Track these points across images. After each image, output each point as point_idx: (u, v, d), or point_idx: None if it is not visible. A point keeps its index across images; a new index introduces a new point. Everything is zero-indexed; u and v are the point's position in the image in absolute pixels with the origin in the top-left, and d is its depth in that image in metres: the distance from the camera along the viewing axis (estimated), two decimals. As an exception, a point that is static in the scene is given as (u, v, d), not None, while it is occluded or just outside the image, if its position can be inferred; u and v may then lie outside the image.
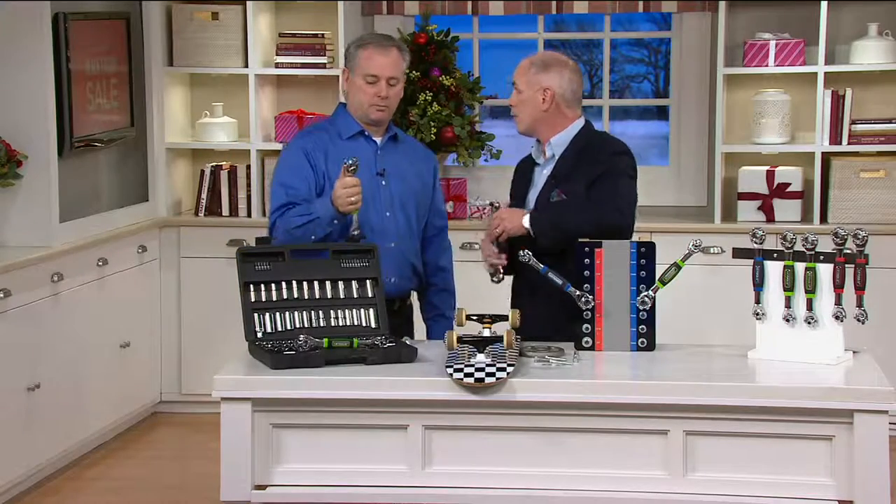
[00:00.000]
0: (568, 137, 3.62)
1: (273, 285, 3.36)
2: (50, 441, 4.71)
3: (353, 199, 3.50)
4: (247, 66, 5.62)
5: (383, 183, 3.68)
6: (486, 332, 3.30)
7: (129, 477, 4.86)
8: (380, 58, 3.63)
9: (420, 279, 3.80)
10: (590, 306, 3.33)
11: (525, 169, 3.75)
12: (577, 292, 3.33)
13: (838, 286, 3.15)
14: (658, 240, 3.51)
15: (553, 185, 3.59)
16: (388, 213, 3.67)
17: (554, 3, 5.70)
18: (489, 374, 3.04)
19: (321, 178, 3.64)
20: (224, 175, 5.66)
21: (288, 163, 3.69)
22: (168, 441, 5.34)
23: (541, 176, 3.66)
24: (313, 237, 3.54)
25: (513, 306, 3.54)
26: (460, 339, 3.25)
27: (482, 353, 3.16)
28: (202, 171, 5.70)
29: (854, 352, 3.26)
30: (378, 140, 3.72)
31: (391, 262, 3.61)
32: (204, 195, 5.67)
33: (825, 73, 5.29)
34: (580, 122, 3.66)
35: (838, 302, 3.15)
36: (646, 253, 3.33)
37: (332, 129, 3.72)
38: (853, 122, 5.33)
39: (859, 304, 3.14)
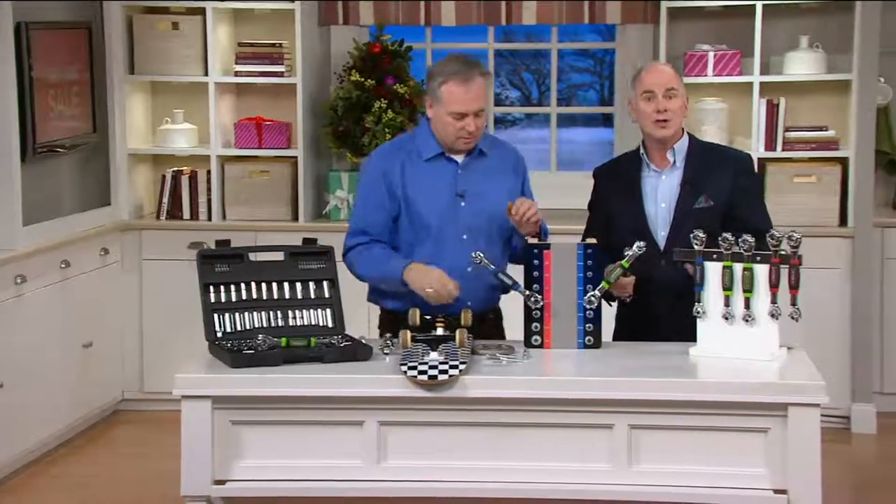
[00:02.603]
0: (685, 143, 3.60)
1: (232, 286, 3.41)
2: (12, 439, 4.76)
3: (437, 298, 3.40)
4: (206, 74, 5.70)
5: (462, 205, 3.53)
6: (440, 331, 3.38)
7: (92, 474, 4.90)
8: (463, 94, 3.43)
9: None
10: (538, 306, 3.42)
11: (622, 182, 3.61)
12: (527, 292, 3.44)
13: (774, 286, 3.23)
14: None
15: (691, 192, 3.53)
16: (465, 237, 3.52)
17: (503, 14, 5.80)
18: (442, 372, 3.11)
19: (398, 202, 3.53)
20: (185, 180, 5.73)
21: (367, 188, 3.56)
22: (130, 438, 5.38)
23: (663, 184, 3.58)
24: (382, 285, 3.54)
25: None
26: (414, 338, 3.32)
27: (435, 351, 3.23)
28: (163, 176, 5.77)
29: (788, 348, 3.35)
30: (459, 160, 3.56)
31: (466, 287, 3.45)
32: (165, 199, 5.74)
33: (760, 82, 5.44)
34: (685, 130, 3.64)
35: (774, 301, 3.23)
36: (592, 254, 3.41)
37: (413, 148, 3.56)
38: (787, 130, 5.47)
39: (793, 303, 3.22)
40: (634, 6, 5.72)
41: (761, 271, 3.26)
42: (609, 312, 3.58)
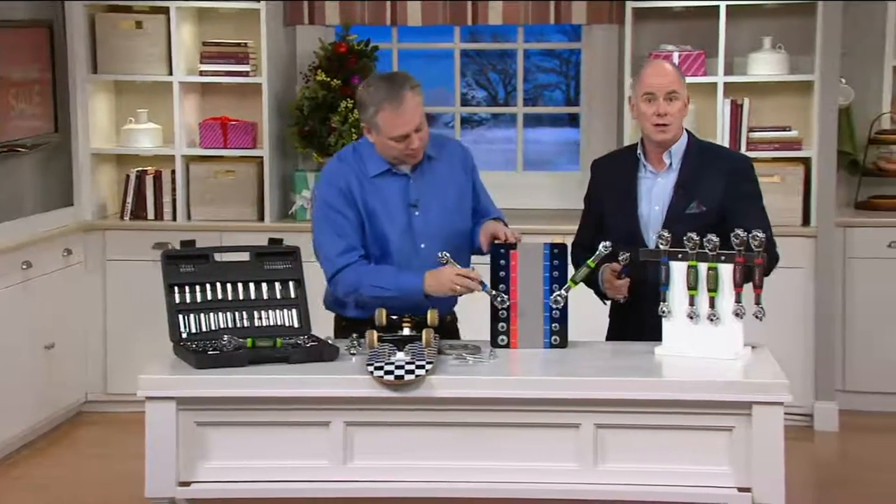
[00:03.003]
0: (683, 145, 3.55)
1: (197, 287, 3.39)
2: (-26, 444, 4.73)
3: (465, 290, 3.38)
4: (171, 73, 5.66)
5: (416, 214, 3.52)
6: (406, 331, 3.37)
7: (55, 476, 4.87)
8: (399, 118, 3.39)
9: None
10: (505, 305, 3.43)
11: (619, 181, 3.58)
12: (493, 292, 3.44)
13: (738, 285, 3.25)
14: (570, 242, 3.58)
15: (684, 196, 3.49)
16: (422, 245, 3.52)
17: (469, 14, 5.81)
18: (409, 372, 3.11)
19: (362, 216, 3.49)
20: (149, 180, 5.70)
21: (333, 210, 3.48)
22: (93, 440, 5.35)
23: (658, 186, 3.55)
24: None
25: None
26: (381, 338, 3.32)
27: (402, 351, 3.23)
28: (127, 176, 5.73)
29: (753, 347, 3.37)
30: (407, 170, 3.53)
31: (434, 297, 3.44)
32: (129, 199, 5.70)
33: (724, 83, 5.48)
34: (684, 130, 3.60)
35: (738, 300, 3.25)
36: (558, 254, 3.42)
37: (358, 166, 3.52)
38: (750, 130, 5.52)
39: (757, 302, 3.24)
40: (600, 7, 5.75)
41: (726, 271, 3.27)
42: (601, 312, 3.59)
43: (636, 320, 3.52)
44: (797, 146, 5.53)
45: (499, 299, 3.41)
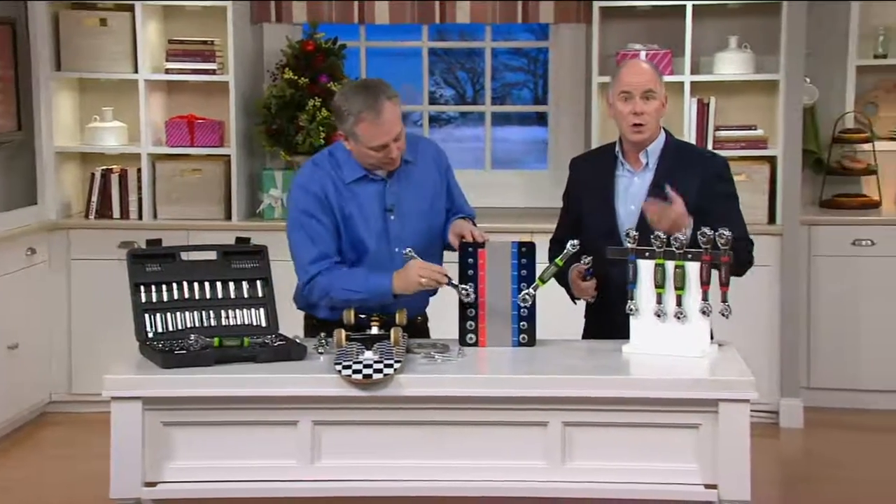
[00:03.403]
0: (660, 144, 3.54)
1: (164, 286, 3.38)
2: (-64, 446, 4.69)
3: (433, 283, 3.37)
4: (136, 71, 5.63)
5: (392, 218, 3.52)
6: (375, 330, 3.38)
7: (18, 477, 4.83)
8: (378, 128, 3.38)
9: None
10: (470, 298, 3.42)
11: (597, 179, 3.58)
12: (459, 286, 3.42)
13: (705, 283, 3.26)
14: (538, 240, 3.57)
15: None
16: (397, 249, 3.50)
17: (437, 12, 5.82)
18: (377, 371, 3.10)
19: (338, 222, 3.49)
20: (115, 178, 5.66)
21: (307, 216, 3.46)
22: (57, 441, 5.31)
23: (634, 185, 3.55)
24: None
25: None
26: (349, 337, 3.32)
27: (370, 350, 3.23)
28: (92, 175, 5.69)
29: (719, 344, 3.39)
30: (383, 174, 3.52)
31: (403, 296, 3.45)
32: (94, 198, 5.66)
33: (691, 82, 5.52)
34: (662, 129, 3.59)
35: (705, 298, 3.27)
36: (526, 253, 3.42)
37: (335, 171, 3.50)
38: (717, 129, 5.56)
39: (724, 300, 3.25)
40: (567, 6, 5.76)
41: (693, 269, 3.29)
42: (574, 311, 3.61)
43: (609, 320, 3.53)
44: (763, 145, 5.57)
45: (464, 292, 3.41)
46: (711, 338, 3.38)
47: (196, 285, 3.41)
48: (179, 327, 3.36)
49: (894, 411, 5.63)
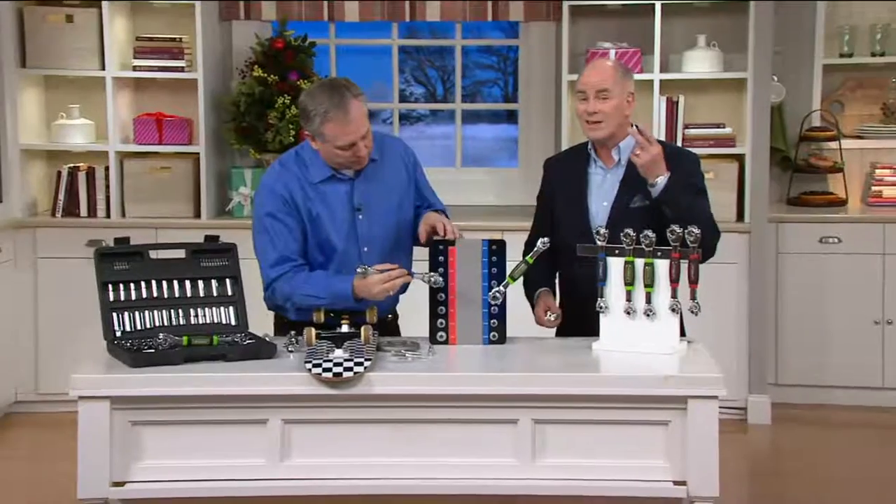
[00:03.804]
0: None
1: (132, 285, 3.36)
2: None
3: (395, 286, 3.36)
4: (103, 68, 5.59)
5: (360, 218, 3.52)
6: (345, 329, 3.37)
7: (-16, 479, 4.80)
8: (346, 127, 3.37)
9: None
10: (439, 284, 3.40)
11: (570, 177, 3.61)
12: (425, 274, 3.40)
13: (674, 281, 3.28)
14: (508, 238, 3.60)
15: (628, 191, 3.51)
16: (365, 249, 3.52)
17: (407, 10, 5.81)
18: (347, 369, 3.10)
19: (304, 224, 3.48)
20: (82, 176, 5.62)
21: (272, 218, 3.45)
22: (23, 441, 5.26)
23: (605, 181, 3.58)
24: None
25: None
26: (319, 336, 3.31)
27: (340, 348, 3.22)
28: (59, 173, 5.65)
29: (688, 342, 3.41)
30: (350, 174, 3.52)
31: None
32: (61, 196, 5.62)
33: (660, 80, 5.54)
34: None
35: (674, 295, 3.29)
36: (497, 250, 3.43)
37: (301, 172, 3.50)
38: (686, 127, 5.60)
39: (693, 297, 3.28)
40: (537, 4, 5.78)
41: (662, 266, 3.30)
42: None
43: (579, 317, 3.54)
44: (731, 143, 5.60)
45: (431, 279, 3.40)
46: (681, 335, 3.40)
47: (165, 284, 3.40)
48: (148, 326, 3.35)
49: (861, 407, 5.68)
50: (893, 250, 5.62)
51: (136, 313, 3.35)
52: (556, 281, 3.70)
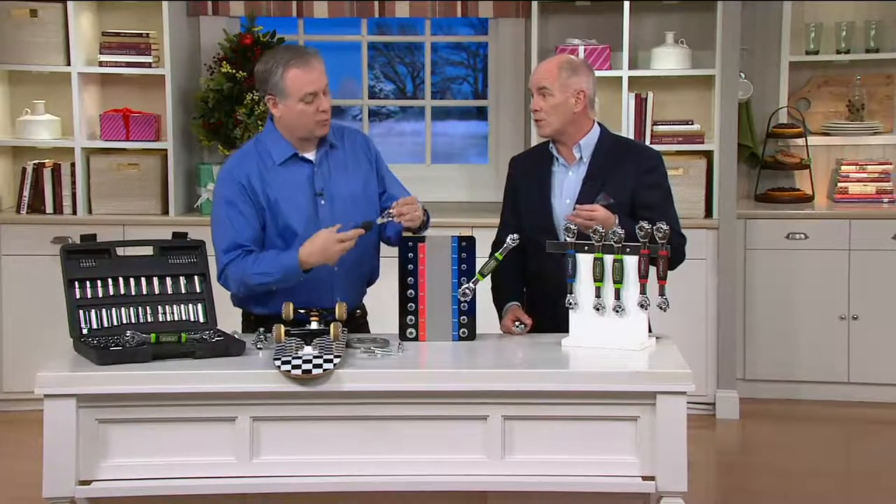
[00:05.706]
0: (594, 139, 3.57)
1: (99, 282, 3.34)
2: None
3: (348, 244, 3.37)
4: (69, 64, 5.54)
5: (322, 203, 3.50)
6: (314, 325, 3.36)
7: (-51, 480, 4.75)
8: (308, 74, 3.41)
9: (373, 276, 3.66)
10: (391, 219, 3.40)
11: (534, 175, 3.61)
12: (379, 216, 3.44)
13: (643, 276, 3.29)
14: (478, 234, 3.61)
15: (592, 188, 3.50)
16: None
17: (377, 6, 5.80)
18: (316, 366, 3.09)
19: (263, 210, 3.47)
20: (47, 173, 5.57)
21: (228, 204, 3.46)
22: (-12, 441, 5.24)
23: (569, 179, 3.58)
24: (274, 288, 3.45)
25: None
26: (288, 332, 3.30)
27: (309, 345, 3.21)
28: (24, 169, 5.59)
29: (657, 337, 3.42)
30: (312, 157, 3.53)
31: (337, 286, 3.50)
32: (26, 193, 5.56)
33: (629, 77, 5.56)
34: (596, 124, 3.63)
35: (643, 291, 3.29)
36: (466, 247, 3.43)
37: (265, 153, 3.50)
38: (655, 123, 5.62)
39: (661, 293, 3.29)
40: (506, 2, 5.77)
41: (631, 263, 3.31)
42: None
43: (548, 314, 3.55)
44: (699, 140, 5.63)
45: (387, 217, 3.41)
46: (649, 331, 3.42)
47: (132, 281, 3.38)
48: (115, 323, 3.33)
49: (828, 402, 5.73)
50: (859, 246, 5.67)
51: (104, 310, 3.33)
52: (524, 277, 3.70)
